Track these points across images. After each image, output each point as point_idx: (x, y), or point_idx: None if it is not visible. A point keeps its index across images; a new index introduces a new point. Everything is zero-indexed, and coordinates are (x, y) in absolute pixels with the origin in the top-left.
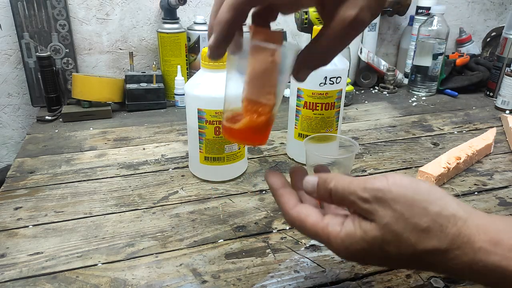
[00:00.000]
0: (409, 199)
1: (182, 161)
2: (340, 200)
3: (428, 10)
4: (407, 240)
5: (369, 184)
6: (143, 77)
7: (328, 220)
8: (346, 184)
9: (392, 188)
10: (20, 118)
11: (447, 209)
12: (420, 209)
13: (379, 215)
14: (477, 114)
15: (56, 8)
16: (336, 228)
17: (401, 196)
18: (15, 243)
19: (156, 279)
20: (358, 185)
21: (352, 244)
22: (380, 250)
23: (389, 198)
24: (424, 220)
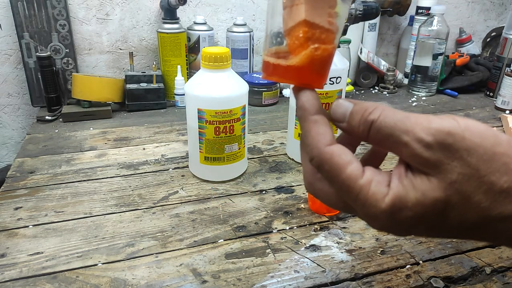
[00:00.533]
0: (488, 151)
1: (182, 161)
2: (385, 139)
3: (428, 10)
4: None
5: (435, 123)
6: (143, 77)
7: (370, 175)
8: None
9: (466, 134)
10: (20, 118)
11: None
12: (500, 165)
13: (445, 169)
14: (477, 114)
15: (56, 8)
16: (382, 189)
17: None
18: (15, 243)
19: (156, 279)
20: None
21: (401, 210)
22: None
23: (462, 147)
24: (505, 179)
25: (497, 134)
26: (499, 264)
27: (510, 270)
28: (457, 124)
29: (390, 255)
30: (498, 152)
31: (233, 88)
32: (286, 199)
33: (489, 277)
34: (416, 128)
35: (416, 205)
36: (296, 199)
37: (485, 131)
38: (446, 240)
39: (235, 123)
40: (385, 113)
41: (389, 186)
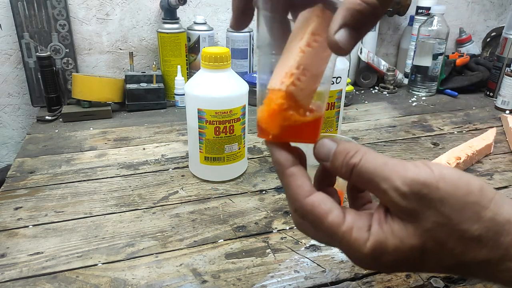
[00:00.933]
0: (460, 200)
1: (182, 161)
2: (365, 183)
3: (428, 10)
4: (451, 250)
5: (411, 173)
6: (143, 77)
7: (351, 221)
8: (378, 165)
9: (440, 185)
10: (20, 118)
11: (502, 213)
12: (472, 213)
13: (420, 217)
14: (477, 114)
15: (56, 8)
16: (363, 235)
17: (451, 196)
18: (15, 243)
19: (156, 279)
20: (394, 170)
21: (382, 254)
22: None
23: (436, 198)
24: (476, 227)
25: (469, 183)
26: None
27: None
28: (432, 174)
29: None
30: (469, 202)
31: (233, 88)
32: (286, 199)
33: None
34: (393, 176)
35: (395, 251)
36: None
37: (458, 180)
38: None
39: (235, 123)
40: (365, 157)
41: (369, 231)
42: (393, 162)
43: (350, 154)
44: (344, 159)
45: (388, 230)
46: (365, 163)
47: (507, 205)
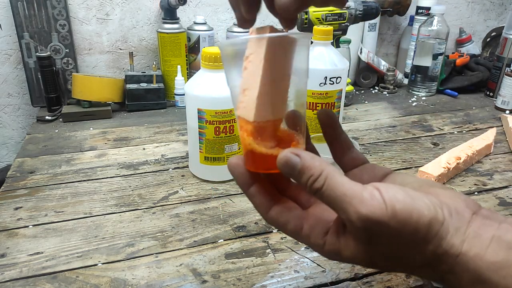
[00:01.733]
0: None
1: (182, 161)
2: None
3: (428, 10)
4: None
5: (366, 210)
6: (143, 77)
7: (308, 229)
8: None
9: (391, 223)
10: (20, 118)
11: (442, 246)
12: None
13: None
14: (477, 114)
15: (56, 8)
16: (318, 241)
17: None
18: (15, 243)
19: (156, 279)
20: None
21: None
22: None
23: (386, 234)
24: (418, 258)
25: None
26: None
27: None
28: (385, 211)
29: None
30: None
31: None
32: None
33: None
34: (350, 211)
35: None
36: None
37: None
38: None
39: (235, 123)
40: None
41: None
42: (351, 192)
43: (314, 177)
44: (308, 181)
45: (343, 243)
46: (326, 190)
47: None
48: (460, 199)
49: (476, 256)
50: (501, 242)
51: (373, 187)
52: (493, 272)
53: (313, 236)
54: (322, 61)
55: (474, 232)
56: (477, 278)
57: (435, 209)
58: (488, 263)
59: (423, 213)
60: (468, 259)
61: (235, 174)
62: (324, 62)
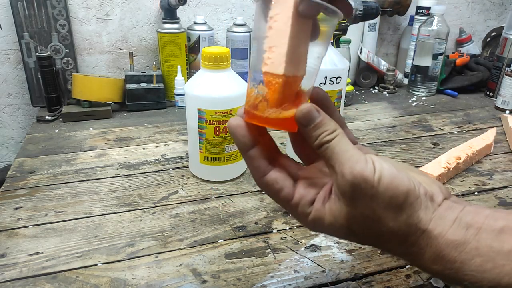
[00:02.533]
0: (386, 201)
1: (182, 161)
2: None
3: (428, 10)
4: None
5: (359, 167)
6: (143, 77)
7: (298, 198)
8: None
9: (375, 184)
10: (20, 118)
11: (413, 217)
12: (391, 213)
13: (353, 203)
14: (477, 114)
15: (56, 8)
16: (306, 209)
17: (380, 195)
18: (15, 243)
19: (156, 279)
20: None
21: (320, 225)
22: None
23: (369, 194)
24: (391, 224)
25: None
26: None
27: None
28: (373, 172)
29: (390, 255)
30: (392, 203)
31: (233, 88)
32: None
33: None
34: (346, 164)
35: (329, 225)
36: None
37: (390, 183)
38: None
39: None
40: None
41: (312, 206)
42: (352, 152)
43: (328, 131)
44: (321, 135)
45: (327, 208)
46: (334, 144)
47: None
48: (435, 184)
49: (439, 235)
50: (461, 223)
51: (368, 156)
52: (451, 249)
53: (301, 205)
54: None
55: (440, 214)
56: (437, 254)
57: (413, 184)
58: (448, 241)
59: (403, 182)
60: (431, 236)
61: (236, 135)
62: (324, 62)
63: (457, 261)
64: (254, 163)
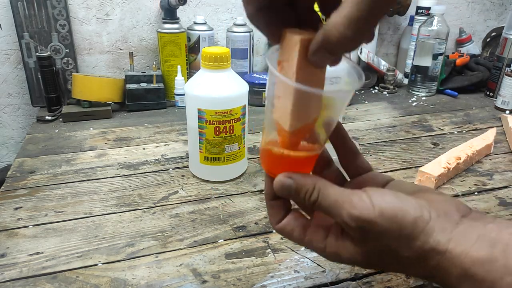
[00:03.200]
0: (395, 234)
1: (182, 161)
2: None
3: (428, 10)
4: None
5: (356, 211)
6: (143, 77)
7: (310, 236)
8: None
9: (379, 221)
10: (20, 118)
11: (428, 242)
12: (404, 243)
13: (365, 244)
14: (477, 114)
15: (56, 8)
16: (320, 245)
17: (387, 230)
18: (15, 243)
19: (156, 279)
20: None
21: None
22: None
23: (376, 232)
24: (407, 254)
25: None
26: None
27: None
28: (373, 211)
29: None
30: (402, 235)
31: (233, 88)
32: None
33: None
34: (343, 213)
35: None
36: None
37: (394, 216)
38: None
39: (235, 123)
40: (321, 194)
41: (325, 241)
42: (342, 198)
43: (309, 192)
44: (305, 197)
45: (341, 244)
46: (321, 201)
47: (438, 232)
48: (451, 203)
49: (462, 253)
50: (485, 239)
51: (362, 191)
52: (478, 267)
53: (315, 240)
54: None
55: (460, 232)
56: (464, 273)
57: (421, 210)
58: (473, 258)
59: (408, 212)
60: (454, 256)
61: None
62: None
63: (486, 280)
64: (273, 212)
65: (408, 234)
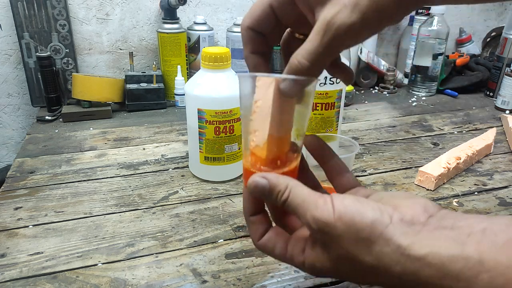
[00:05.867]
0: (353, 237)
1: (182, 161)
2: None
3: (428, 10)
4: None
5: (318, 213)
6: (143, 77)
7: (291, 251)
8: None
9: (337, 224)
10: (20, 118)
11: (388, 245)
12: (363, 247)
13: (329, 248)
14: (477, 114)
15: (56, 8)
16: (300, 258)
17: (345, 233)
18: (15, 243)
19: (156, 279)
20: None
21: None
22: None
23: (335, 235)
24: (368, 259)
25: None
26: None
27: None
28: (332, 214)
29: None
30: (360, 238)
31: (233, 88)
32: None
33: None
34: (307, 215)
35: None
36: None
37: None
38: None
39: (235, 123)
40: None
41: (304, 254)
42: (309, 200)
43: (281, 191)
44: (278, 196)
45: (314, 253)
46: (291, 200)
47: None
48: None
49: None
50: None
51: (328, 196)
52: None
53: (295, 254)
54: None
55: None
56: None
57: (381, 213)
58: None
59: (366, 215)
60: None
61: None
62: None
63: (461, 279)
64: (253, 228)
65: (365, 237)
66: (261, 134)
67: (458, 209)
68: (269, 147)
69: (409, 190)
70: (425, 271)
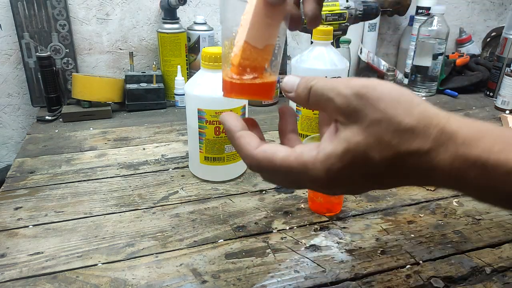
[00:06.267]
0: (395, 98)
1: (182, 161)
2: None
3: (428, 10)
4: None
5: (354, 80)
6: (143, 77)
7: (300, 149)
8: (329, 81)
9: (377, 87)
10: (20, 118)
11: (431, 109)
12: (404, 109)
13: (361, 116)
14: (477, 114)
15: (56, 8)
16: (312, 153)
17: (386, 95)
18: (15, 243)
19: (156, 279)
20: (341, 81)
21: (334, 164)
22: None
23: (374, 96)
24: (407, 120)
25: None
26: (499, 264)
27: (510, 270)
28: (371, 80)
29: (390, 255)
30: (402, 100)
31: None
32: (286, 199)
33: (489, 277)
34: (339, 85)
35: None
36: (296, 199)
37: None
38: (446, 240)
39: None
40: (320, 79)
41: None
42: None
43: (310, 80)
44: (305, 85)
45: (336, 139)
46: (318, 82)
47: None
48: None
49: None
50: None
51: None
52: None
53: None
54: (322, 61)
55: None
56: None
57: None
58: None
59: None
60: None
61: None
62: (324, 62)
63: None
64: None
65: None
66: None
67: (458, 209)
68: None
69: (409, 190)
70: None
